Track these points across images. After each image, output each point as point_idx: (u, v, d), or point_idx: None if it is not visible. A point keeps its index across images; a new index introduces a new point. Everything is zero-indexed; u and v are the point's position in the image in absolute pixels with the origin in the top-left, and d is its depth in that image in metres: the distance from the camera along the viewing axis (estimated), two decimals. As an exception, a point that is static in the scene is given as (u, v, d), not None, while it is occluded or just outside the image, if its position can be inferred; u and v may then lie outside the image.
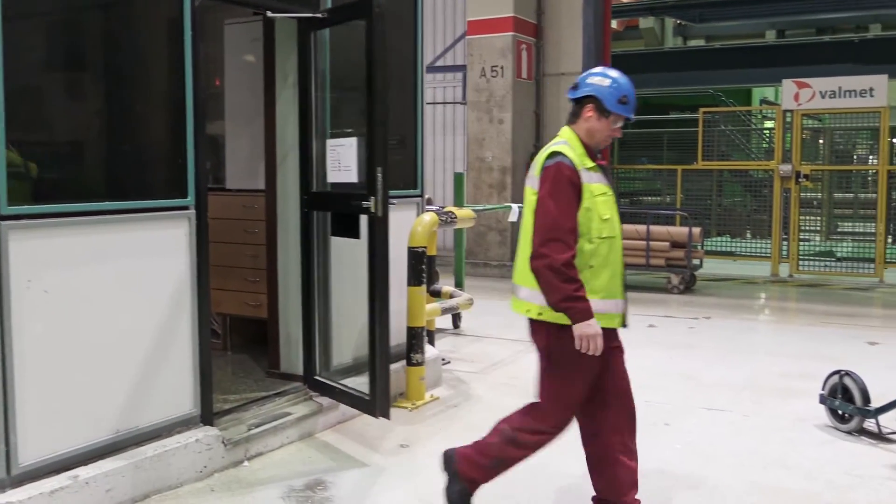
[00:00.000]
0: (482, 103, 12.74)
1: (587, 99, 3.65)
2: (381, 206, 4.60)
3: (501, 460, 3.75)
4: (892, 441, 4.99)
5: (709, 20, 21.33)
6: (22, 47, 3.60)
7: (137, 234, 4.09)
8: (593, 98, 3.63)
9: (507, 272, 12.44)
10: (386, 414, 4.70)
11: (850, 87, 12.29)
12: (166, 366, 4.26)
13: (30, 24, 3.72)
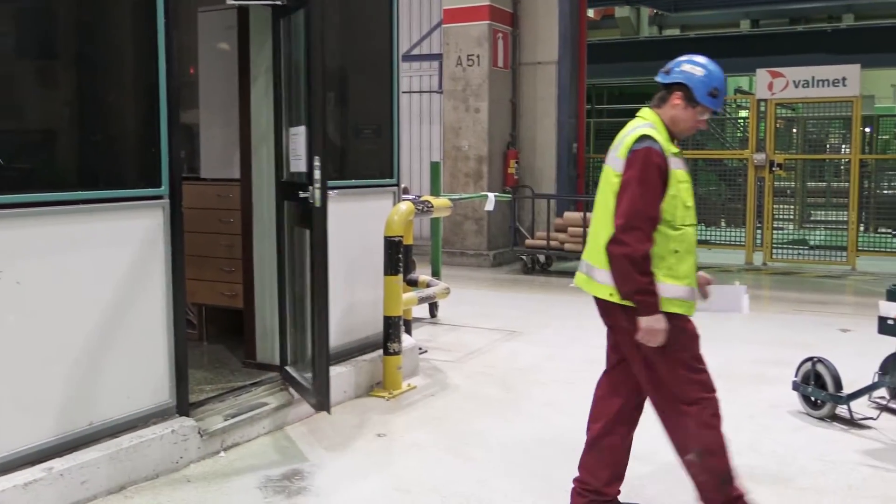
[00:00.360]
0: (458, 92, 12.72)
1: (676, 86, 3.61)
2: (318, 196, 4.53)
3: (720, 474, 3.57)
4: (864, 427, 5.06)
5: (684, 9, 21.44)
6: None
7: (111, 224, 4.05)
8: (683, 86, 3.59)
9: (484, 261, 12.51)
10: (325, 407, 4.64)
11: (824, 77, 12.39)
12: (141, 356, 4.23)
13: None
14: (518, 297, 9.99)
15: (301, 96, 5.06)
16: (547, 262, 12.02)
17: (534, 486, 4.17)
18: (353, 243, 5.79)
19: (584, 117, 13.56)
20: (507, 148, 12.99)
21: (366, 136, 6.19)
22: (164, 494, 4.02)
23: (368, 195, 5.97)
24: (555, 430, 5.04)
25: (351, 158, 6.04)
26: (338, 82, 5.93)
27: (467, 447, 4.75)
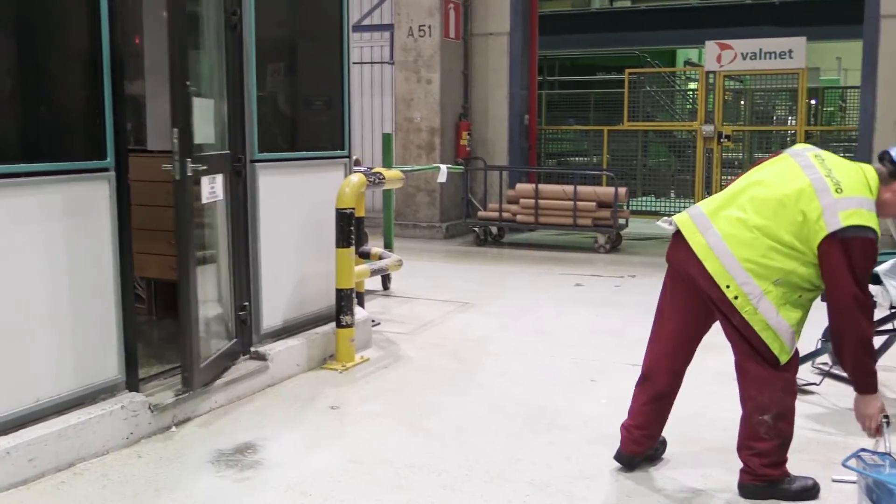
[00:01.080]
0: (410, 63, 12.64)
1: None
2: (177, 170, 4.36)
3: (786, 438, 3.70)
4: (807, 392, 5.18)
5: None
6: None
7: (55, 197, 3.97)
8: None
9: (437, 233, 12.51)
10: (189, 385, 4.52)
11: (771, 49, 12.53)
12: (89, 332, 4.16)
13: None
14: (471, 269, 10.02)
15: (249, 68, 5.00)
16: (499, 233, 12.07)
17: (488, 456, 4.21)
18: (303, 216, 5.75)
19: (535, 89, 13.58)
20: (460, 119, 12.97)
21: (316, 108, 6.13)
22: (114, 470, 3.99)
23: (319, 167, 5.92)
24: (507, 400, 5.09)
25: (301, 130, 5.99)
26: (287, 53, 5.86)
27: (420, 418, 4.78)
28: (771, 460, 3.67)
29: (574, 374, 5.65)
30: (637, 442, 3.99)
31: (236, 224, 5.22)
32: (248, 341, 5.34)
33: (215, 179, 4.87)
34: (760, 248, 3.44)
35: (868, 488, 3.25)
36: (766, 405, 3.60)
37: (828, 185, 3.36)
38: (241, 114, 5.19)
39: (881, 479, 3.15)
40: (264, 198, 5.34)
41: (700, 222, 3.63)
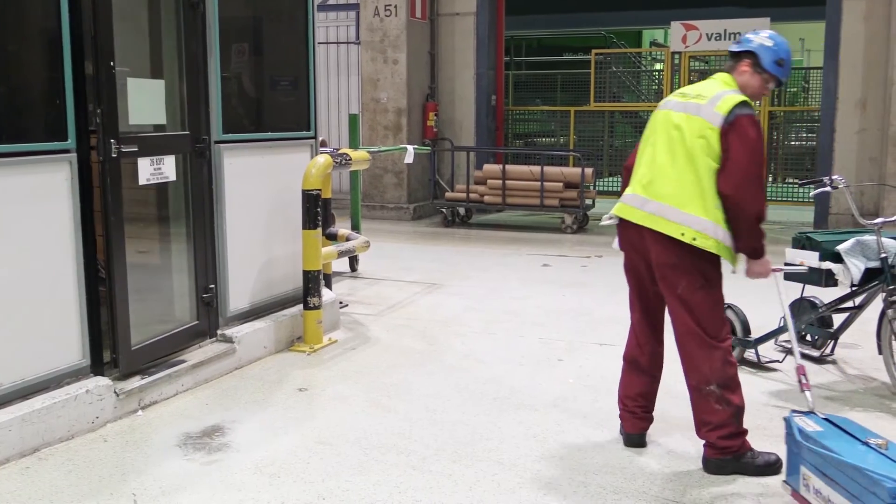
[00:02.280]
0: (376, 43, 12.56)
1: (745, 54, 3.93)
2: (101, 150, 4.29)
3: (736, 407, 3.84)
4: (770, 370, 5.27)
5: (601, -38, 21.49)
6: None
7: (14, 180, 3.90)
8: (752, 54, 3.91)
9: (404, 214, 12.49)
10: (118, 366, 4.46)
11: (736, 30, 12.59)
12: (51, 316, 4.11)
13: None
14: (439, 250, 10.03)
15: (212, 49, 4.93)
16: (467, 214, 12.08)
17: (455, 436, 4.23)
18: (269, 197, 5.71)
19: (502, 69, 13.56)
20: (426, 100, 12.92)
21: (281, 88, 6.08)
22: (80, 455, 3.95)
23: (285, 148, 5.88)
24: (475, 380, 5.11)
25: (266, 111, 5.93)
26: (251, 32, 5.80)
27: (389, 399, 4.78)
28: (728, 431, 3.82)
29: (542, 354, 5.68)
30: (641, 418, 4.17)
31: (199, 205, 5.16)
32: (215, 324, 5.31)
33: (162, 161, 4.80)
34: (699, 190, 3.74)
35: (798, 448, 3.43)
36: (708, 377, 3.82)
37: (697, 103, 3.84)
38: (205, 94, 5.13)
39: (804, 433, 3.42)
40: (229, 179, 5.30)
41: (636, 202, 3.91)
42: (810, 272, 5.04)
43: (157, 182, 4.84)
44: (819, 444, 3.29)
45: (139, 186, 4.78)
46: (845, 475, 3.11)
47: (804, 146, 15.31)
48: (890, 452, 3.18)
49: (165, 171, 4.85)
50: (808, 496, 3.34)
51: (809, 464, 3.34)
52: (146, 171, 4.70)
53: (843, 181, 5.11)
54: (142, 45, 5.40)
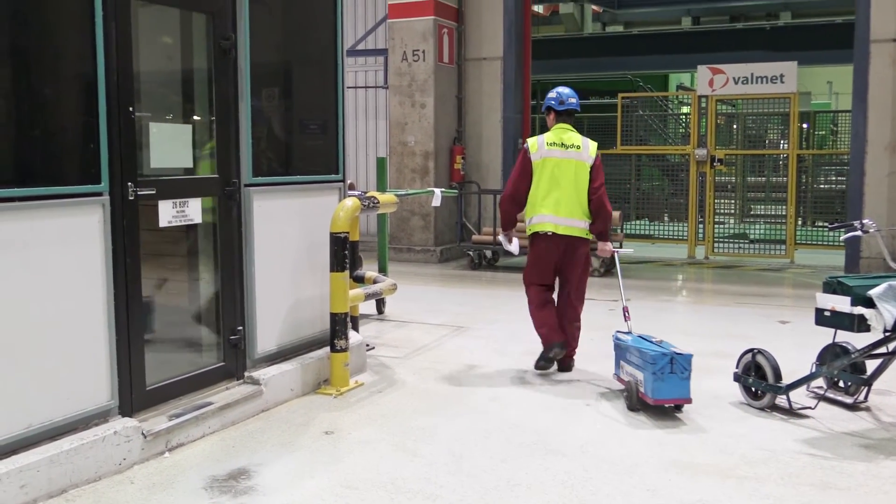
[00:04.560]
0: (404, 87, 12.70)
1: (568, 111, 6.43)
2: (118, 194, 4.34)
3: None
4: (803, 416, 5.18)
5: (627, 7, 21.67)
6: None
7: (49, 222, 3.96)
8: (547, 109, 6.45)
9: (431, 257, 12.52)
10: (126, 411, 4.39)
11: (762, 74, 12.64)
12: (80, 356, 4.14)
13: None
14: (465, 293, 10.01)
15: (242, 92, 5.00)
16: (494, 257, 12.08)
17: (482, 482, 4.19)
18: (298, 240, 5.75)
19: (529, 113, 13.64)
20: (454, 143, 13.01)
21: (311, 132, 6.15)
22: (106, 497, 3.95)
23: (314, 191, 5.93)
24: (502, 425, 5.07)
25: (296, 154, 5.99)
26: (281, 77, 5.88)
27: (415, 443, 4.75)
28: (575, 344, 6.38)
29: (568, 399, 5.63)
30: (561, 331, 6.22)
31: (228, 247, 5.21)
32: (242, 366, 5.32)
33: (186, 203, 4.87)
34: (582, 205, 6.16)
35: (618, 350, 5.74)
36: (579, 316, 6.39)
37: (577, 151, 6.16)
38: (235, 138, 5.20)
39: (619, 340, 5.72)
40: (258, 221, 5.34)
41: (560, 221, 6.13)
42: (842, 317, 4.97)
43: (181, 224, 4.89)
44: (626, 344, 5.55)
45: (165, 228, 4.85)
46: (635, 356, 5.40)
47: (833, 189, 15.22)
48: (663, 346, 5.37)
49: (190, 213, 4.91)
50: (623, 376, 5.61)
51: (623, 358, 5.62)
52: (168, 214, 4.77)
53: (874, 225, 5.06)
54: (174, 89, 5.51)
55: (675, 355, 5.19)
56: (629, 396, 5.36)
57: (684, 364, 5.17)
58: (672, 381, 5.14)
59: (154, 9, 4.97)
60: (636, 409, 5.29)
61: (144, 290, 4.64)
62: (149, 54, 5.72)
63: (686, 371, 5.17)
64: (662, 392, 5.15)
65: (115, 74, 4.26)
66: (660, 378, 5.12)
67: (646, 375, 5.20)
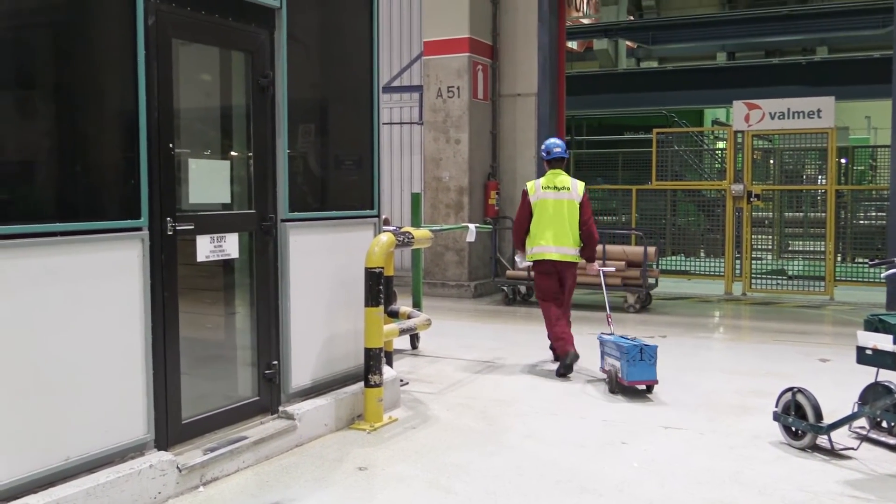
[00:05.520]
0: (439, 123, 12.79)
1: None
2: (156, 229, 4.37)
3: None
4: (845, 457, 5.07)
5: (661, 42, 21.71)
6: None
7: (88, 256, 4.02)
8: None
9: (465, 292, 12.51)
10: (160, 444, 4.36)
11: (799, 109, 12.56)
12: (118, 390, 4.18)
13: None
14: (499, 329, 9.97)
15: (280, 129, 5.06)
16: (528, 292, 12.03)
17: None
18: (333, 274, 5.77)
19: (563, 148, 13.63)
20: (488, 179, 13.05)
21: (346, 167, 6.20)
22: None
23: (349, 226, 5.97)
24: (537, 462, 5.02)
25: (331, 189, 6.04)
26: (318, 113, 5.95)
27: (449, 480, 4.71)
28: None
29: (605, 436, 5.56)
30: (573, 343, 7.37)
31: (264, 282, 5.26)
32: (277, 400, 5.33)
33: (223, 238, 4.93)
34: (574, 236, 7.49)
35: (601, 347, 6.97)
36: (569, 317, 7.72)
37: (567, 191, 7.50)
38: (272, 174, 5.26)
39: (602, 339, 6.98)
40: (294, 256, 5.38)
41: (556, 250, 7.45)
42: (884, 356, 4.87)
43: (218, 259, 4.95)
44: (607, 341, 6.85)
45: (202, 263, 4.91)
46: (613, 349, 6.70)
47: (874, 225, 15.02)
48: (636, 342, 6.58)
49: (227, 248, 4.97)
50: (606, 367, 6.82)
51: (606, 353, 6.86)
52: (205, 249, 4.83)
53: (917, 262, 4.97)
54: (212, 126, 5.60)
55: (643, 346, 6.52)
56: (609, 382, 6.69)
57: (651, 353, 6.53)
58: (642, 366, 6.49)
59: (194, 47, 5.06)
60: (615, 392, 6.63)
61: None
62: (188, 92, 5.83)
63: (653, 359, 6.54)
64: (635, 375, 6.51)
65: (155, 112, 4.35)
66: (633, 364, 6.46)
67: (622, 363, 6.53)
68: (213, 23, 4.86)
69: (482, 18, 12.84)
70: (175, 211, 4.53)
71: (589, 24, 21.92)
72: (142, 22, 4.23)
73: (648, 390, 6.60)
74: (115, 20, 4.21)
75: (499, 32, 13.13)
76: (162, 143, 4.40)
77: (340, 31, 6.03)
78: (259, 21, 5.15)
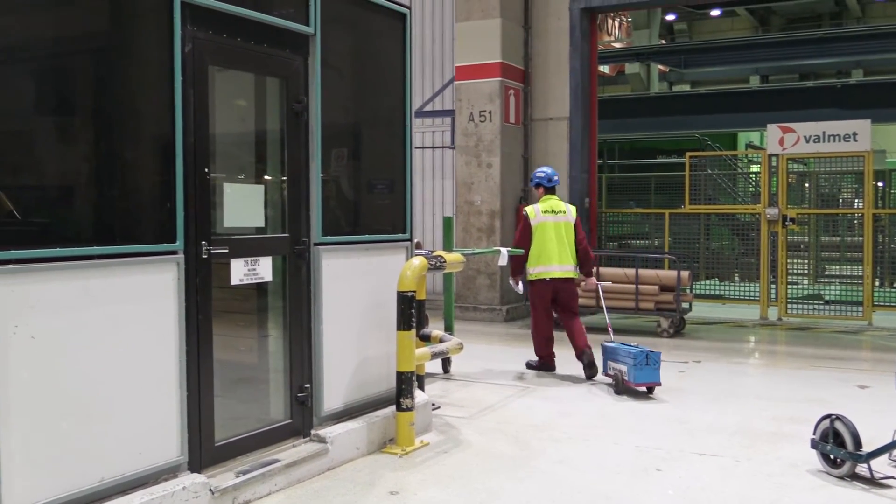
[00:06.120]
0: (471, 147, 12.83)
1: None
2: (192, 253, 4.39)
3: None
4: (885, 486, 4.96)
5: (693, 66, 21.66)
6: (10, 93, 3.61)
7: (125, 279, 4.07)
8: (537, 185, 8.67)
9: (497, 315, 12.49)
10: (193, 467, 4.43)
11: (834, 132, 12.42)
12: (153, 412, 4.21)
13: (18, 70, 3.73)
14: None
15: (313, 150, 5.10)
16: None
17: None
18: (365, 298, 5.79)
19: (595, 172, 13.62)
20: (520, 203, 13.04)
21: (379, 191, 6.23)
22: (173, 553, 3.97)
23: (381, 250, 5.99)
24: (570, 489, 4.97)
25: (364, 213, 6.08)
26: (351, 138, 6.00)
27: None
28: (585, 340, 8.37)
29: (639, 463, 5.50)
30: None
31: (296, 305, 5.28)
32: (309, 423, 5.34)
33: (257, 262, 4.96)
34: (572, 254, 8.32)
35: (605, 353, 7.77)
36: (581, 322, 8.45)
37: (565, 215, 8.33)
38: (306, 198, 5.30)
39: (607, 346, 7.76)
40: (327, 280, 5.41)
41: (561, 268, 8.21)
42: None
43: (251, 282, 4.99)
44: (612, 348, 7.61)
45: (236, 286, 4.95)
46: (620, 355, 7.44)
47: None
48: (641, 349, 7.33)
49: (261, 271, 5.01)
50: (611, 371, 7.59)
51: (611, 358, 7.60)
52: (239, 272, 4.87)
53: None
54: (247, 150, 5.67)
55: (649, 352, 7.27)
56: (616, 384, 7.43)
57: (655, 359, 7.25)
58: (647, 370, 7.21)
59: (230, 73, 5.14)
60: (621, 393, 7.37)
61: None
62: (224, 117, 5.92)
63: (657, 364, 7.25)
64: (641, 377, 7.20)
65: (191, 137, 4.41)
66: (639, 368, 7.17)
67: (629, 367, 7.23)
68: (249, 49, 4.93)
69: (514, 43, 12.90)
70: (210, 235, 4.59)
71: (621, 49, 21.95)
72: (179, 49, 4.31)
73: (650, 391, 7.35)
74: (154, 48, 4.29)
75: (531, 57, 13.18)
76: (198, 167, 4.47)
77: (373, 57, 6.09)
78: (293, 47, 5.21)
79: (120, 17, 4.20)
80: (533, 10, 13.20)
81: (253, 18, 4.88)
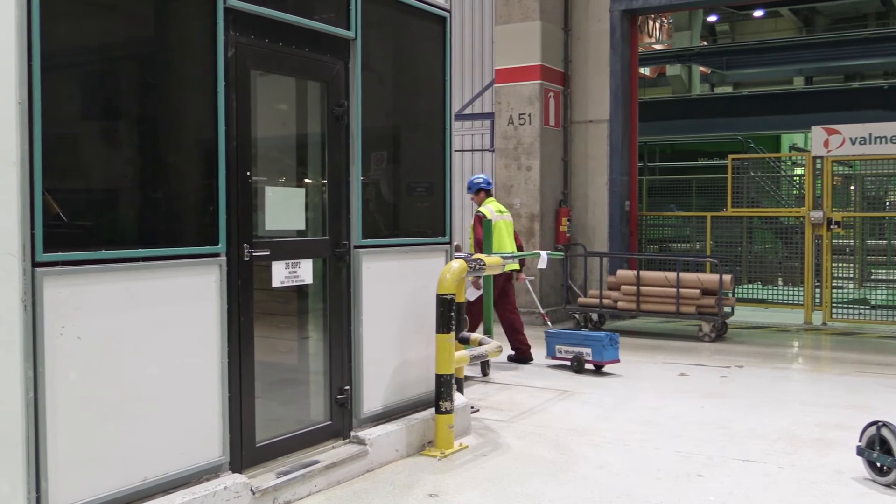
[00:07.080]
0: (510, 150, 12.81)
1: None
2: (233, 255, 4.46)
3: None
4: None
5: (735, 67, 21.41)
6: (58, 97, 3.68)
7: (168, 281, 4.12)
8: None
9: (536, 319, 12.43)
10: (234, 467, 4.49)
11: (881, 134, 12.20)
12: (195, 412, 4.26)
13: (66, 74, 3.80)
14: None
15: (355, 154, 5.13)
16: (600, 320, 11.91)
17: None
18: (404, 301, 5.81)
19: (636, 175, 13.52)
20: (559, 205, 13.00)
21: (419, 194, 6.25)
22: (215, 552, 4.01)
23: (421, 253, 6.00)
24: (609, 494, 4.94)
25: (403, 216, 6.10)
26: (391, 141, 6.02)
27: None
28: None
29: (680, 468, 5.44)
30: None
31: (336, 307, 5.32)
32: (348, 425, 5.37)
33: (298, 264, 5.01)
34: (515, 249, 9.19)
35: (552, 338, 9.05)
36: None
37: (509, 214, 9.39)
38: (346, 201, 5.34)
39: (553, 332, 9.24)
40: (366, 282, 5.43)
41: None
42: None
43: (292, 285, 5.03)
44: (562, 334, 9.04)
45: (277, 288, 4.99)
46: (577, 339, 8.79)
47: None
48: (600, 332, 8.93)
49: (301, 274, 5.05)
50: (560, 355, 8.81)
51: (560, 343, 8.89)
52: (280, 274, 4.91)
53: None
54: (288, 154, 5.71)
55: (610, 335, 8.58)
56: (577, 365, 8.61)
57: (615, 339, 8.58)
58: (610, 350, 8.50)
59: (272, 78, 5.19)
60: (581, 372, 8.56)
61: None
62: (265, 121, 5.98)
63: (616, 343, 8.58)
64: (605, 356, 8.48)
65: (234, 141, 4.46)
66: (605, 348, 8.46)
67: (594, 348, 8.52)
68: (291, 54, 4.98)
69: (554, 46, 12.86)
70: (251, 237, 4.64)
71: (661, 50, 21.78)
72: (222, 54, 4.36)
73: (598, 369, 8.61)
74: (197, 53, 4.35)
75: (570, 59, 13.13)
76: (240, 170, 4.52)
77: (413, 60, 6.11)
78: (334, 51, 5.25)
79: (165, 23, 4.26)
80: (573, 12, 13.15)
81: (294, 23, 4.92)
